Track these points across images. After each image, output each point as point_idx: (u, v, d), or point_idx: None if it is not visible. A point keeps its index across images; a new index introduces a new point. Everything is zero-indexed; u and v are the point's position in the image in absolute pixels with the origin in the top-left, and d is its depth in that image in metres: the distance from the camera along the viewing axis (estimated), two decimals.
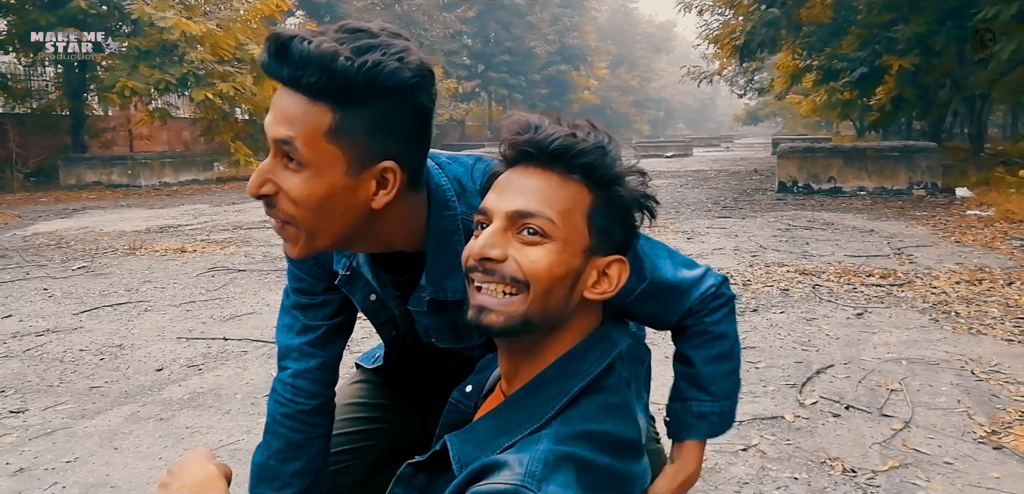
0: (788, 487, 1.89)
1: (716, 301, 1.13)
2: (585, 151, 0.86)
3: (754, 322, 3.48)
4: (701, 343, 1.14)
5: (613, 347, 0.92)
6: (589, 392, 0.87)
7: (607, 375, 0.90)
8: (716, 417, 1.13)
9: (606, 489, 0.81)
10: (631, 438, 0.86)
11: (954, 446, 2.10)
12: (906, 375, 2.70)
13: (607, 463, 0.82)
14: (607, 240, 0.87)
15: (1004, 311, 3.53)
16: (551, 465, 0.78)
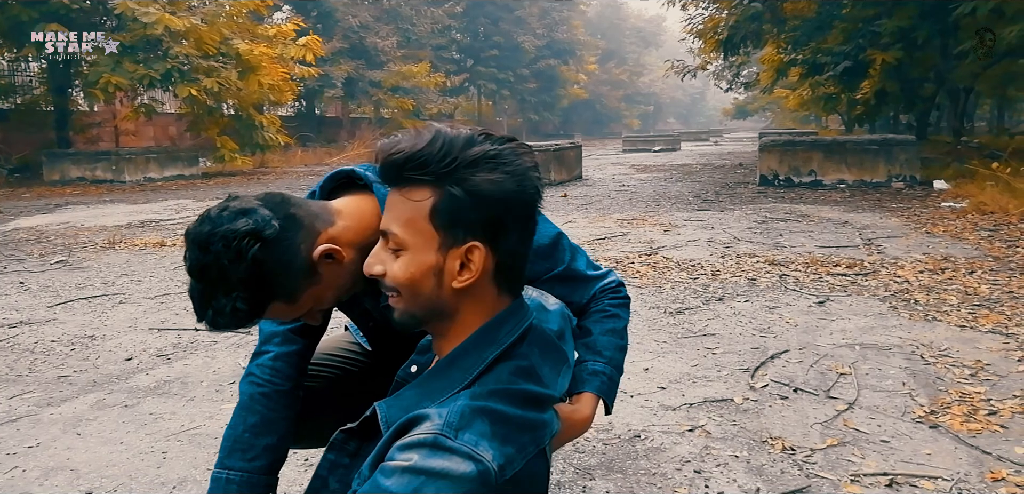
0: (727, 465, 1.96)
1: (615, 294, 1.39)
2: (412, 157, 0.96)
3: (718, 310, 3.55)
4: (599, 319, 1.36)
5: (525, 320, 1.04)
6: (503, 359, 0.98)
7: (520, 343, 1.01)
8: (606, 378, 1.32)
9: (518, 434, 0.91)
10: (539, 393, 0.98)
11: (893, 426, 2.17)
12: (857, 360, 2.77)
13: (519, 413, 0.93)
14: (458, 230, 0.96)
15: (961, 298, 3.61)
16: (467, 416, 0.88)
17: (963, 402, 2.32)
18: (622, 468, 1.95)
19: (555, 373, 1.07)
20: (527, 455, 0.92)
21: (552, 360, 1.08)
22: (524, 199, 0.98)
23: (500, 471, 0.86)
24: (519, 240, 1.00)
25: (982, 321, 3.21)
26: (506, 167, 0.96)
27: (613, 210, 7.84)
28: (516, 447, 0.90)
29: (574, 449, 2.08)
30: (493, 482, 0.85)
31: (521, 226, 1.00)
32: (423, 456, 0.84)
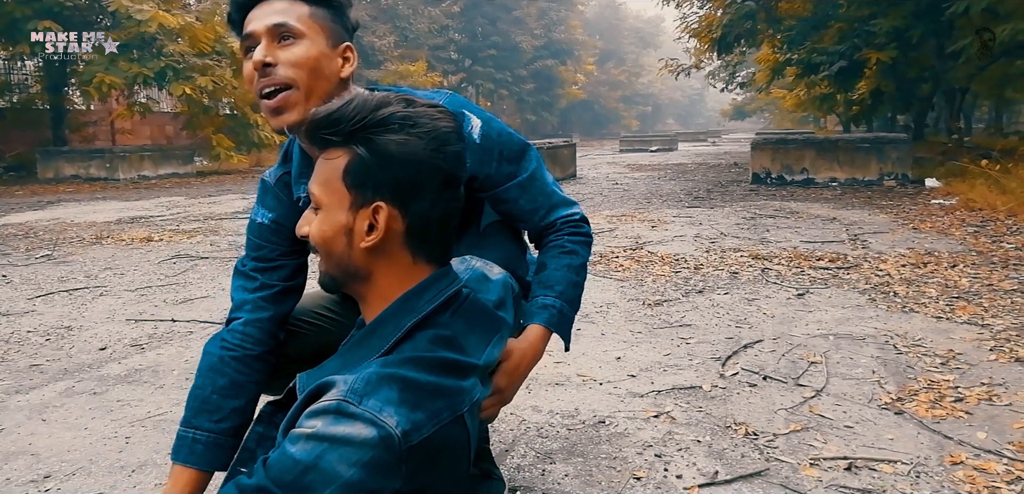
0: (689, 448, 1.95)
1: (577, 228, 1.42)
2: (327, 118, 0.98)
3: (696, 302, 3.55)
4: (556, 253, 1.39)
5: (449, 288, 1.03)
6: (423, 327, 0.98)
7: (442, 312, 1.01)
8: (555, 312, 1.35)
9: (430, 400, 0.90)
10: (457, 360, 0.97)
11: (858, 412, 2.17)
12: (830, 349, 2.76)
13: (432, 379, 0.92)
14: (367, 190, 0.97)
15: (941, 291, 3.60)
16: (373, 383, 0.87)
17: (931, 389, 2.31)
18: (583, 452, 1.95)
19: (484, 342, 1.07)
20: (440, 421, 0.91)
21: (482, 329, 1.07)
22: (437, 164, 0.98)
23: (404, 436, 0.85)
24: (433, 205, 0.99)
25: (959, 312, 3.21)
26: (418, 130, 0.97)
27: (603, 207, 7.84)
28: (427, 413, 0.89)
29: (537, 434, 2.07)
30: (397, 447, 0.84)
31: (435, 192, 0.99)
32: (326, 423, 0.84)
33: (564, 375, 2.55)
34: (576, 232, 1.42)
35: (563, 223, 1.42)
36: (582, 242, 1.42)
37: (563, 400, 2.32)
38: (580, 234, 1.42)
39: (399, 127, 0.96)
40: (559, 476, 1.83)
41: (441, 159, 0.98)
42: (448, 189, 1.01)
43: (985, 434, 1.98)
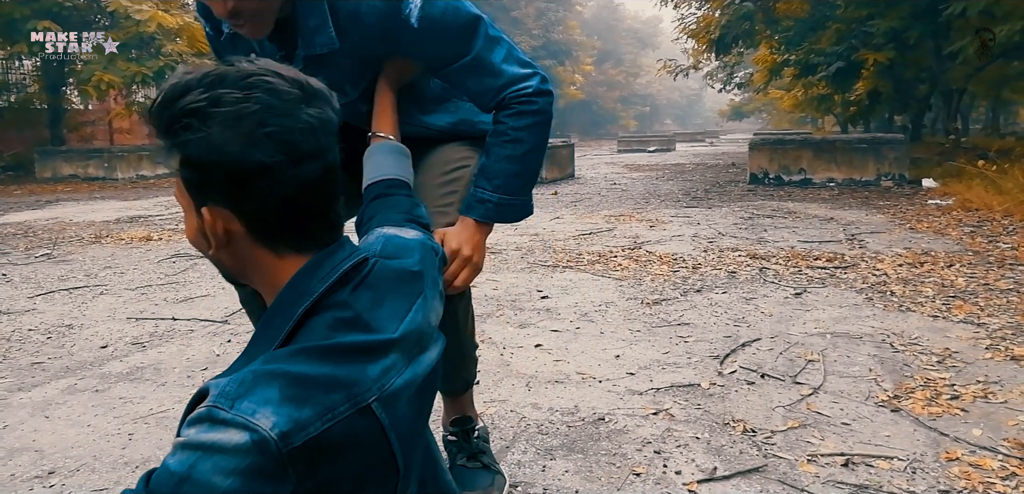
0: (688, 445, 1.97)
1: (527, 105, 1.37)
2: (151, 109, 0.86)
3: (695, 302, 3.57)
4: (500, 143, 1.39)
5: (345, 262, 0.91)
6: (319, 311, 0.87)
7: (340, 288, 0.89)
8: (492, 205, 1.40)
9: (322, 394, 0.79)
10: (360, 341, 0.86)
11: (855, 409, 2.19)
12: (827, 347, 2.79)
13: (325, 371, 0.81)
14: (194, 192, 0.88)
15: (937, 290, 3.63)
16: (249, 383, 0.77)
17: (927, 387, 2.33)
18: (583, 449, 1.97)
19: (400, 311, 0.94)
20: (336, 416, 0.80)
21: (396, 297, 0.95)
22: (250, 156, 0.82)
23: (283, 438, 0.75)
24: (267, 196, 0.85)
25: (955, 311, 3.23)
26: (219, 119, 0.82)
27: (602, 207, 7.86)
28: (317, 409, 0.78)
29: (537, 431, 2.09)
30: (274, 450, 0.74)
31: (264, 183, 0.84)
32: (198, 431, 0.76)
33: (563, 373, 2.57)
34: (525, 111, 1.37)
35: (512, 99, 1.36)
36: (530, 125, 1.38)
37: (563, 397, 2.34)
38: (529, 114, 1.37)
39: (198, 118, 0.82)
40: (559, 472, 1.84)
41: (255, 148, 0.82)
42: (284, 171, 0.84)
43: (981, 431, 2.00)
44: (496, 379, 2.51)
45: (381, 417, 0.85)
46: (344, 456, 0.80)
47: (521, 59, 1.40)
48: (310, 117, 0.85)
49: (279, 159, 0.83)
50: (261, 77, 0.84)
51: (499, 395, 2.36)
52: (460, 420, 1.76)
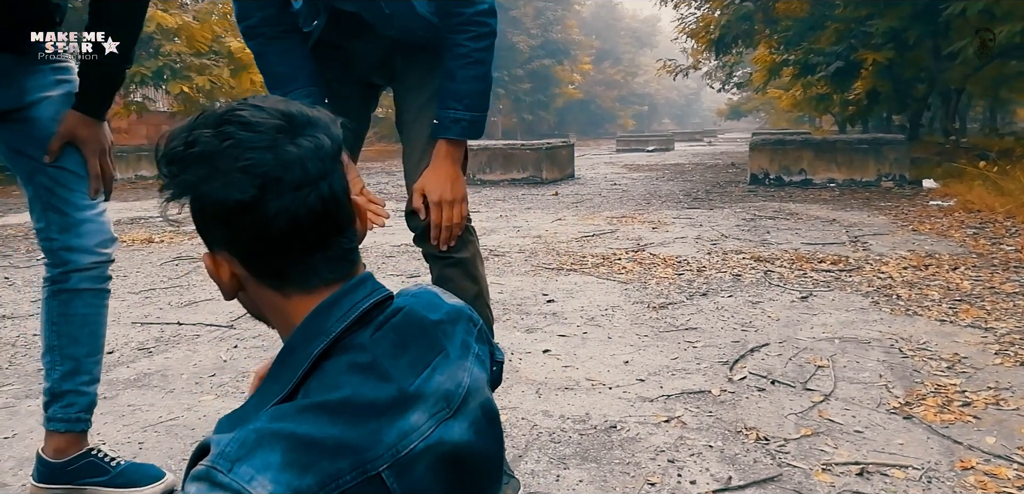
0: (702, 454, 1.97)
1: (483, 27, 1.55)
2: (164, 181, 0.83)
3: (701, 305, 3.56)
4: (464, 65, 1.56)
5: (366, 300, 0.86)
6: (334, 353, 0.82)
7: (360, 329, 0.84)
8: (466, 123, 1.59)
9: (327, 461, 0.73)
10: (371, 400, 0.79)
11: (867, 416, 2.19)
12: (836, 353, 2.78)
13: (333, 433, 0.75)
14: (203, 236, 0.86)
15: (943, 294, 3.63)
16: (250, 444, 0.73)
17: (938, 394, 2.33)
18: (596, 457, 1.96)
19: (418, 366, 0.86)
20: (341, 485, 0.74)
21: (416, 350, 0.87)
22: (227, 197, 0.79)
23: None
24: (257, 235, 0.81)
25: (962, 315, 3.23)
26: (194, 160, 0.80)
27: (603, 208, 7.85)
28: (320, 477, 0.73)
29: (549, 439, 2.08)
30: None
31: (249, 224, 0.80)
32: (197, 489, 0.72)
33: (573, 379, 2.57)
34: (482, 33, 1.54)
35: (471, 19, 1.53)
36: (487, 46, 1.56)
37: (573, 405, 2.34)
38: (486, 36, 1.55)
39: (177, 164, 0.80)
40: (574, 482, 1.84)
41: (230, 186, 0.78)
42: (267, 206, 0.79)
43: (994, 439, 2.00)
44: (505, 385, 2.51)
45: (391, 485, 0.77)
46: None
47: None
48: (295, 148, 0.80)
49: (254, 194, 0.78)
50: (237, 112, 0.81)
51: (509, 402, 2.36)
52: None
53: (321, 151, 0.81)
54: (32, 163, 1.69)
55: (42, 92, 1.67)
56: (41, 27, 1.63)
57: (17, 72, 1.64)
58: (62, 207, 1.71)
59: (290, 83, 1.60)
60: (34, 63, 1.65)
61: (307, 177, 0.80)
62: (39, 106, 1.67)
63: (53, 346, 1.80)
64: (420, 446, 0.80)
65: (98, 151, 1.70)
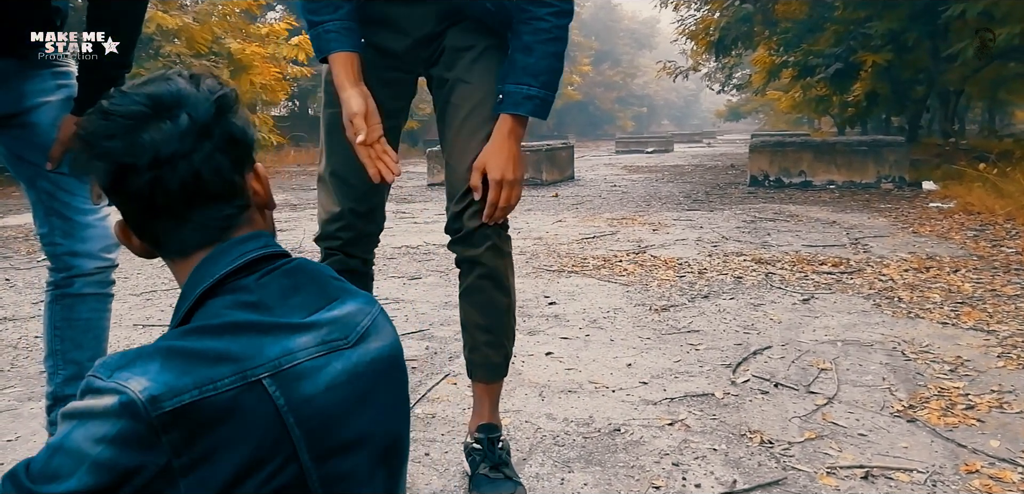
0: (706, 457, 1.97)
1: (564, 4, 1.51)
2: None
3: (703, 308, 3.56)
4: (545, 40, 1.50)
5: (255, 251, 0.89)
6: (220, 293, 0.86)
7: (246, 273, 0.87)
8: (539, 101, 1.53)
9: (206, 367, 0.77)
10: (253, 320, 0.82)
11: (871, 419, 2.19)
12: (839, 355, 2.78)
13: (215, 345, 0.79)
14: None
15: (945, 296, 3.63)
16: (131, 356, 0.77)
17: (941, 397, 2.33)
18: (601, 461, 1.96)
19: (307, 307, 0.88)
20: (219, 388, 0.76)
21: (308, 294, 0.90)
22: (97, 175, 0.85)
23: (153, 401, 0.73)
24: (127, 213, 0.88)
25: (964, 318, 3.23)
26: (80, 149, 0.87)
27: (603, 210, 7.86)
28: (197, 378, 0.76)
29: (553, 442, 2.08)
30: (143, 413, 0.72)
31: (119, 204, 0.87)
32: (78, 399, 0.76)
33: (576, 382, 2.57)
34: (564, 9, 1.51)
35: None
36: (567, 24, 1.52)
37: (577, 408, 2.33)
38: (567, 13, 1.51)
39: (77, 146, 0.89)
40: (578, 486, 1.84)
41: (97, 172, 0.86)
42: (123, 189, 0.85)
43: (998, 442, 2.00)
44: (509, 388, 2.50)
45: (275, 395, 0.79)
46: (228, 431, 0.76)
47: None
48: (150, 133, 0.84)
49: (110, 179, 0.85)
50: (103, 102, 0.86)
51: (513, 405, 2.36)
52: (487, 427, 1.77)
53: (179, 130, 0.85)
54: (33, 168, 1.69)
55: (42, 97, 1.67)
56: (42, 30, 1.63)
57: (16, 77, 1.64)
58: (65, 212, 1.71)
59: (329, 13, 1.49)
60: (33, 67, 1.65)
61: (159, 159, 0.83)
62: (39, 111, 1.67)
63: (56, 351, 1.80)
64: (307, 364, 0.82)
65: None
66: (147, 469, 0.73)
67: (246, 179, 0.92)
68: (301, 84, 21.02)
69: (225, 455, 0.76)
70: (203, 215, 0.88)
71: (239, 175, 0.90)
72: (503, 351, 1.78)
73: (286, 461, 0.80)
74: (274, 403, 0.79)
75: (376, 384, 0.90)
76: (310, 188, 11.41)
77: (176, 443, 0.74)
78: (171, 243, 0.89)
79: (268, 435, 0.78)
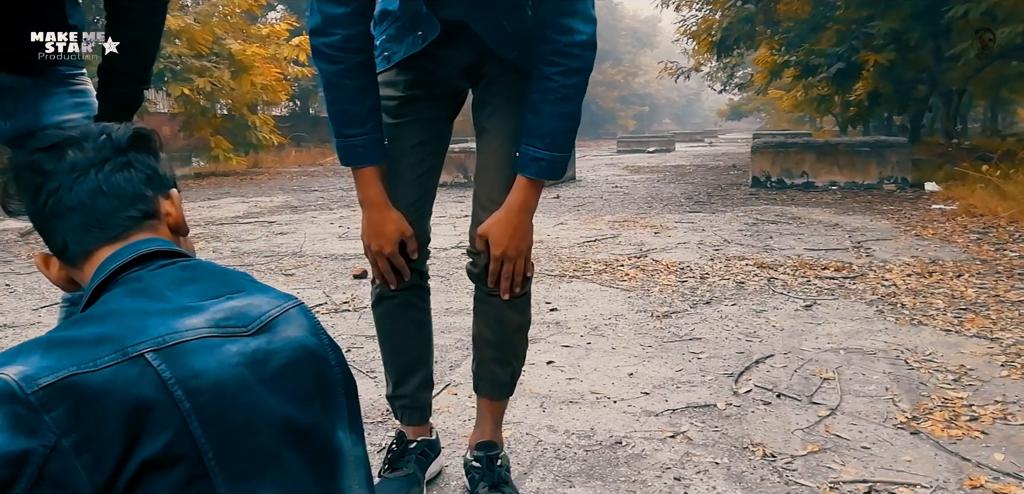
0: (708, 471, 1.95)
1: (577, 61, 1.44)
2: None
3: (705, 314, 3.55)
4: (552, 100, 1.46)
5: (149, 245, 0.94)
6: (110, 285, 0.90)
7: (137, 266, 0.92)
8: (545, 163, 1.50)
9: (84, 349, 0.77)
10: (145, 308, 0.84)
11: (874, 431, 2.17)
12: (842, 364, 2.77)
13: (96, 331, 0.80)
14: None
15: (948, 303, 3.61)
16: (11, 352, 0.78)
17: (945, 408, 2.32)
18: (602, 475, 1.95)
19: (202, 295, 0.89)
20: (99, 363, 0.76)
21: (205, 285, 0.90)
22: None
23: (27, 380, 0.74)
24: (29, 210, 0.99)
25: (967, 325, 3.21)
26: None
27: (605, 212, 7.84)
28: (78, 360, 0.76)
29: (555, 455, 2.07)
30: (21, 394, 0.73)
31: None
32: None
33: (578, 393, 2.55)
34: (574, 68, 1.44)
35: (567, 48, 1.42)
36: (579, 84, 1.46)
37: (578, 419, 2.32)
38: (578, 71, 1.44)
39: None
40: None
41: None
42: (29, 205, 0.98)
43: (1002, 455, 1.99)
44: (511, 399, 2.49)
45: (159, 368, 0.78)
46: (113, 405, 0.75)
47: (593, 4, 1.46)
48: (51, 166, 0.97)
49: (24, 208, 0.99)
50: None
51: (514, 416, 2.35)
52: (486, 445, 1.76)
53: (68, 166, 0.97)
54: None
55: (59, 115, 1.66)
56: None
57: (34, 94, 1.63)
58: None
59: (358, 127, 1.52)
60: (50, 85, 1.65)
61: (41, 190, 0.96)
62: None
63: None
64: (195, 342, 0.81)
65: None
66: (36, 453, 0.72)
67: (156, 197, 1.00)
68: (302, 84, 21.02)
69: (113, 428, 0.74)
70: (94, 226, 0.95)
71: (147, 189, 1.00)
72: (510, 369, 1.76)
73: (177, 435, 0.77)
74: (159, 375, 0.78)
75: (283, 371, 0.86)
76: (312, 189, 11.40)
77: (60, 421, 0.73)
78: (75, 247, 0.95)
79: (155, 408, 0.77)
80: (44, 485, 0.71)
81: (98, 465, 0.73)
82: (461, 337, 3.20)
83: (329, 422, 0.91)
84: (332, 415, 0.92)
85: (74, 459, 0.72)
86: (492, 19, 1.50)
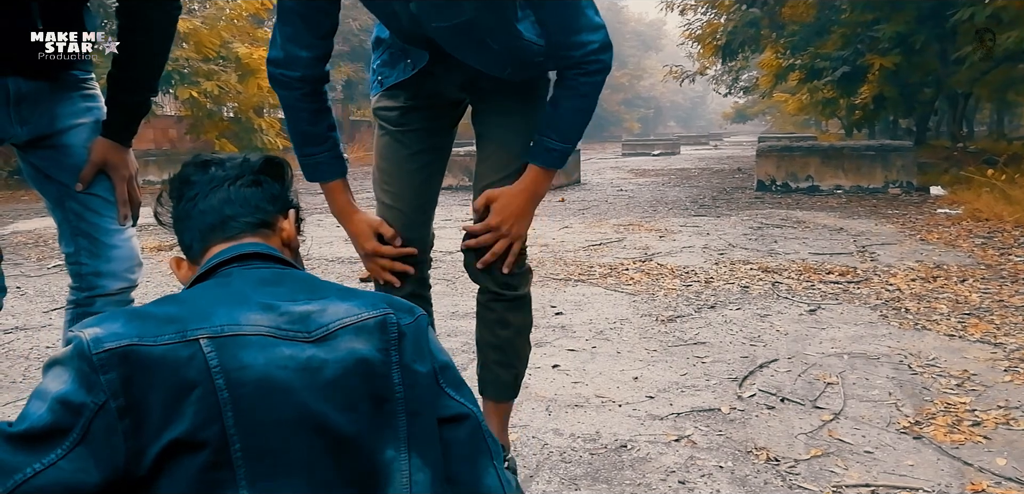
0: (712, 475, 1.98)
1: (595, 65, 1.48)
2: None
3: (709, 318, 3.57)
4: (571, 96, 1.52)
5: (253, 247, 1.04)
6: (206, 279, 1.01)
7: (231, 265, 1.02)
8: (557, 153, 1.57)
9: (152, 326, 0.84)
10: (219, 294, 0.94)
11: (877, 436, 2.19)
12: (845, 369, 2.79)
13: (170, 311, 0.88)
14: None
15: (952, 307, 3.62)
16: (102, 317, 0.87)
17: (948, 412, 2.34)
18: (607, 478, 1.97)
19: (278, 296, 0.94)
20: (159, 340, 0.83)
21: (288, 287, 0.96)
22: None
23: (95, 341, 0.81)
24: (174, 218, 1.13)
25: (971, 330, 3.23)
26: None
27: (610, 215, 7.86)
28: (143, 333, 0.83)
29: (560, 459, 2.10)
30: (87, 352, 0.81)
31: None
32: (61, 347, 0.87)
33: (583, 396, 2.58)
34: (595, 70, 1.48)
35: (584, 58, 1.47)
36: (597, 84, 1.51)
37: (583, 423, 2.35)
38: (598, 72, 1.49)
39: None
40: None
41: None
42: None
43: (1005, 460, 2.00)
44: (516, 402, 2.51)
45: (208, 354, 0.83)
46: (160, 379, 0.81)
47: (596, 8, 1.50)
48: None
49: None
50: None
51: (520, 420, 2.37)
52: None
53: (208, 179, 1.11)
54: (62, 188, 1.73)
55: (73, 119, 1.71)
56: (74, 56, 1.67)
57: (49, 99, 1.68)
58: (92, 232, 1.74)
59: (317, 146, 1.58)
60: (64, 90, 1.69)
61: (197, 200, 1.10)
62: (71, 133, 1.71)
63: None
64: (252, 338, 0.86)
65: (126, 177, 1.73)
66: (88, 408, 0.79)
67: (275, 213, 1.11)
68: None
69: (155, 401, 0.81)
70: (223, 229, 1.07)
71: (268, 204, 1.11)
72: (513, 371, 1.79)
73: (209, 420, 0.81)
74: (206, 361, 0.83)
75: (335, 381, 0.87)
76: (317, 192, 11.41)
77: (113, 384, 0.80)
78: (198, 245, 1.07)
79: (195, 388, 0.82)
80: (90, 441, 0.79)
81: (136, 432, 0.80)
82: (466, 341, 3.23)
83: (378, 438, 0.90)
84: (383, 432, 0.90)
85: (117, 421, 0.80)
86: (474, 51, 1.52)
